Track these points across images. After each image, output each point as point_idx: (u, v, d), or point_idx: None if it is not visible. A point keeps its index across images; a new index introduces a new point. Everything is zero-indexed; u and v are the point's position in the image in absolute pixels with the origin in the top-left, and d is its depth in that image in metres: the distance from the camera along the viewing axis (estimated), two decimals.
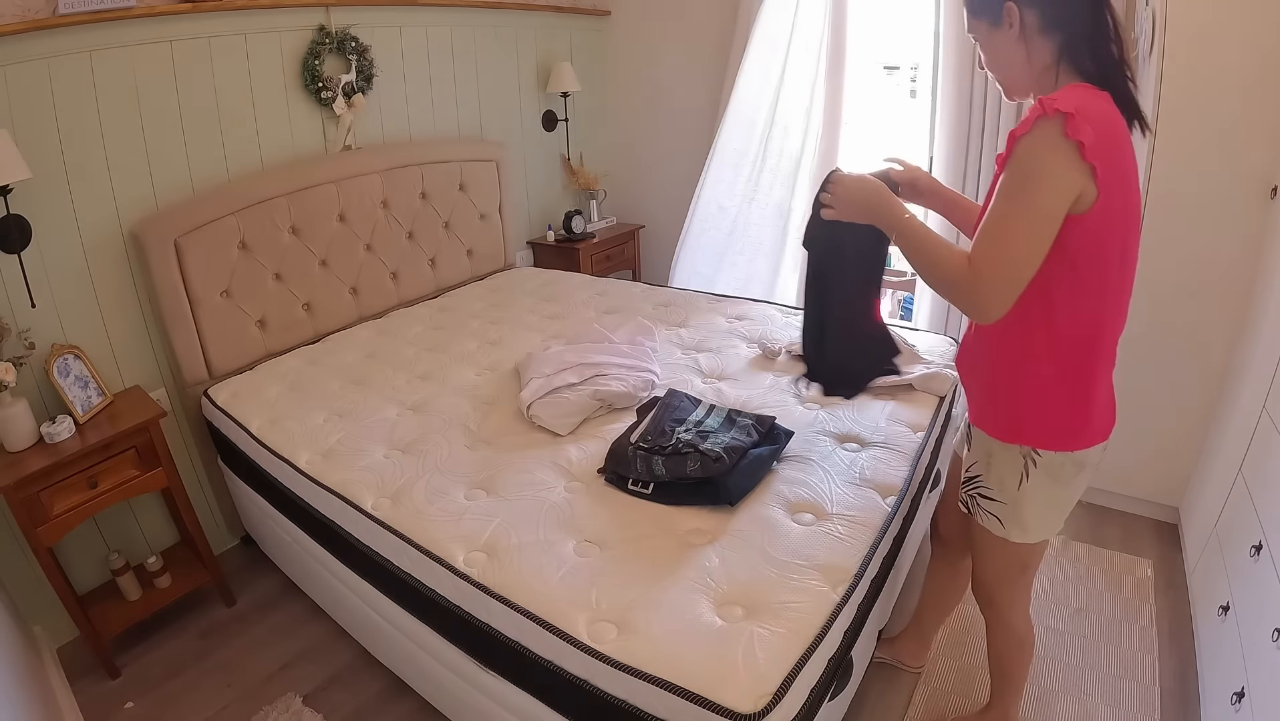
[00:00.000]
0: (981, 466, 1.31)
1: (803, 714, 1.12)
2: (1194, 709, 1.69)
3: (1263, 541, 1.52)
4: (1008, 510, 1.28)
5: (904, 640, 1.86)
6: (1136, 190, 1.10)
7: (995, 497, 1.29)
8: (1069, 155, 0.98)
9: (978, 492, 1.33)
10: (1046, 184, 1.00)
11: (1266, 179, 1.91)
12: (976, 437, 1.33)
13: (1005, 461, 1.25)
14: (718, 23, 3.34)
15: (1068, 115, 0.97)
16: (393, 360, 2.35)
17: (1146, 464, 2.31)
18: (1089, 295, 1.11)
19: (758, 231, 3.33)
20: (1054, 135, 0.98)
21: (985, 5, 1.13)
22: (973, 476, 1.35)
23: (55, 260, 1.97)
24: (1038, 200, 1.00)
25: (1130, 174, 1.07)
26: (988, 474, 1.30)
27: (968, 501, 1.37)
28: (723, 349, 2.30)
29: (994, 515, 1.31)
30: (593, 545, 1.44)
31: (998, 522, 1.31)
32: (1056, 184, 1.00)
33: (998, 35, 1.13)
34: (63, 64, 1.90)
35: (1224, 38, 1.86)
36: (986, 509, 1.32)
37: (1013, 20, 1.09)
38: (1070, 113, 0.97)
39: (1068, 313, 1.12)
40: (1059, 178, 0.99)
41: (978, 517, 1.35)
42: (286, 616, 2.19)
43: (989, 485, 1.30)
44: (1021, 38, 1.10)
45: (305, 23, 2.44)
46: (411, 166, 2.81)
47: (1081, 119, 0.97)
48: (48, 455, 1.81)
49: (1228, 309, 2.05)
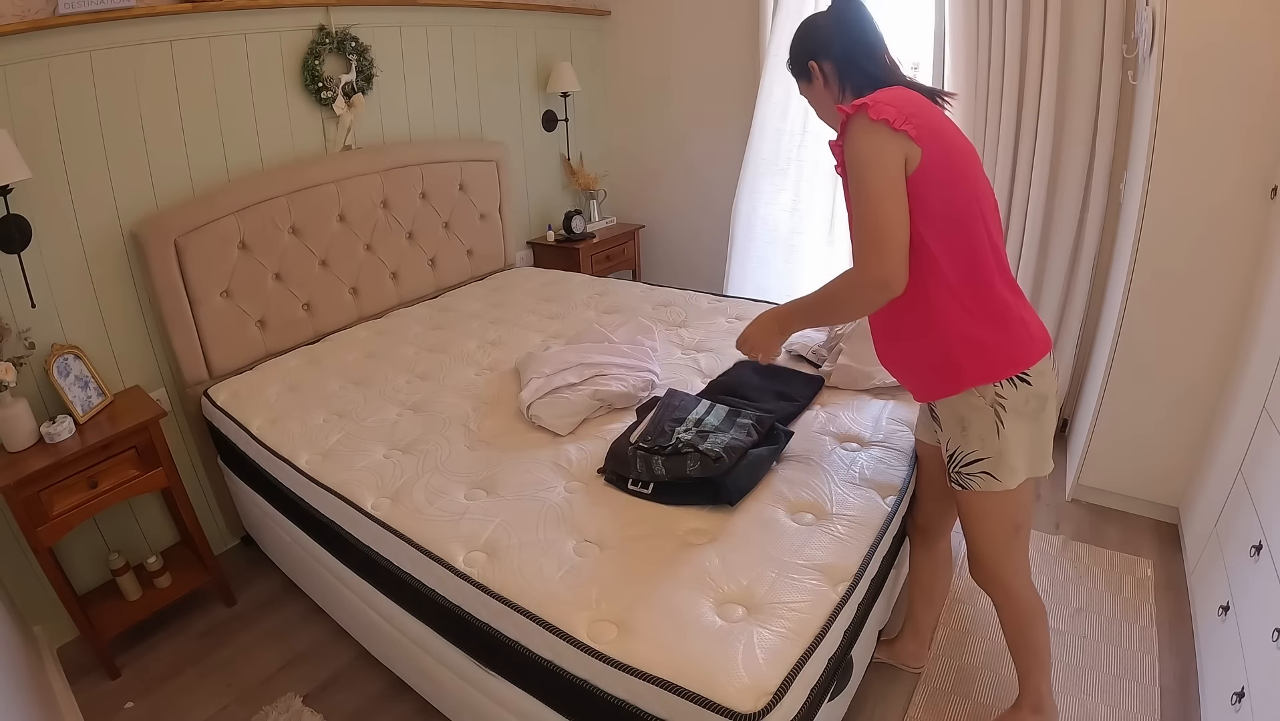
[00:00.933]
0: (956, 437, 1.36)
1: (803, 714, 1.12)
2: (1194, 709, 1.69)
3: (1263, 541, 1.52)
4: (996, 462, 1.33)
5: (903, 641, 1.86)
6: (956, 133, 1.26)
7: (981, 455, 1.33)
8: (882, 131, 1.16)
9: (964, 463, 1.37)
10: (875, 162, 1.17)
11: (1266, 179, 1.91)
12: (942, 413, 1.38)
13: (978, 419, 1.31)
14: (719, 22, 3.34)
15: (866, 104, 1.17)
16: (393, 360, 2.36)
17: (1146, 464, 2.31)
18: (955, 231, 1.23)
19: (803, 240, 3.32)
20: (864, 124, 1.18)
21: (797, 67, 1.37)
22: (953, 453, 1.38)
23: (55, 260, 1.97)
24: (875, 178, 1.17)
25: (943, 126, 1.24)
26: (965, 438, 1.34)
27: (958, 479, 1.40)
28: (723, 349, 2.30)
29: (987, 473, 1.34)
30: (593, 545, 1.44)
31: (991, 478, 1.34)
32: (883, 158, 1.17)
33: (813, 87, 1.36)
34: (63, 64, 1.90)
35: (1224, 38, 1.86)
36: (977, 471, 1.35)
37: (819, 73, 1.33)
38: (867, 102, 1.18)
39: (947, 254, 1.24)
40: (882, 152, 1.17)
41: (973, 487, 1.37)
42: (286, 616, 2.19)
43: (971, 447, 1.34)
44: (829, 84, 1.33)
45: (305, 23, 2.45)
46: (411, 166, 2.81)
47: (878, 103, 1.17)
48: (48, 455, 1.81)
49: (1228, 309, 2.05)
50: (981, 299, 1.27)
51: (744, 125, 3.35)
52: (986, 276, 1.27)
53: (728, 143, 3.49)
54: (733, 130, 3.45)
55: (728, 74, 3.39)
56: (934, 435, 1.51)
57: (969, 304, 1.26)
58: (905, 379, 1.46)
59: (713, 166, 3.62)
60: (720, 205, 3.64)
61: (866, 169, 1.18)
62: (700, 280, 3.75)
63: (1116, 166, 2.56)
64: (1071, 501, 2.50)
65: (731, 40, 3.32)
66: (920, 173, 1.18)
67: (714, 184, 3.64)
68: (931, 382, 1.36)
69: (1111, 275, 2.53)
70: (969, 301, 1.26)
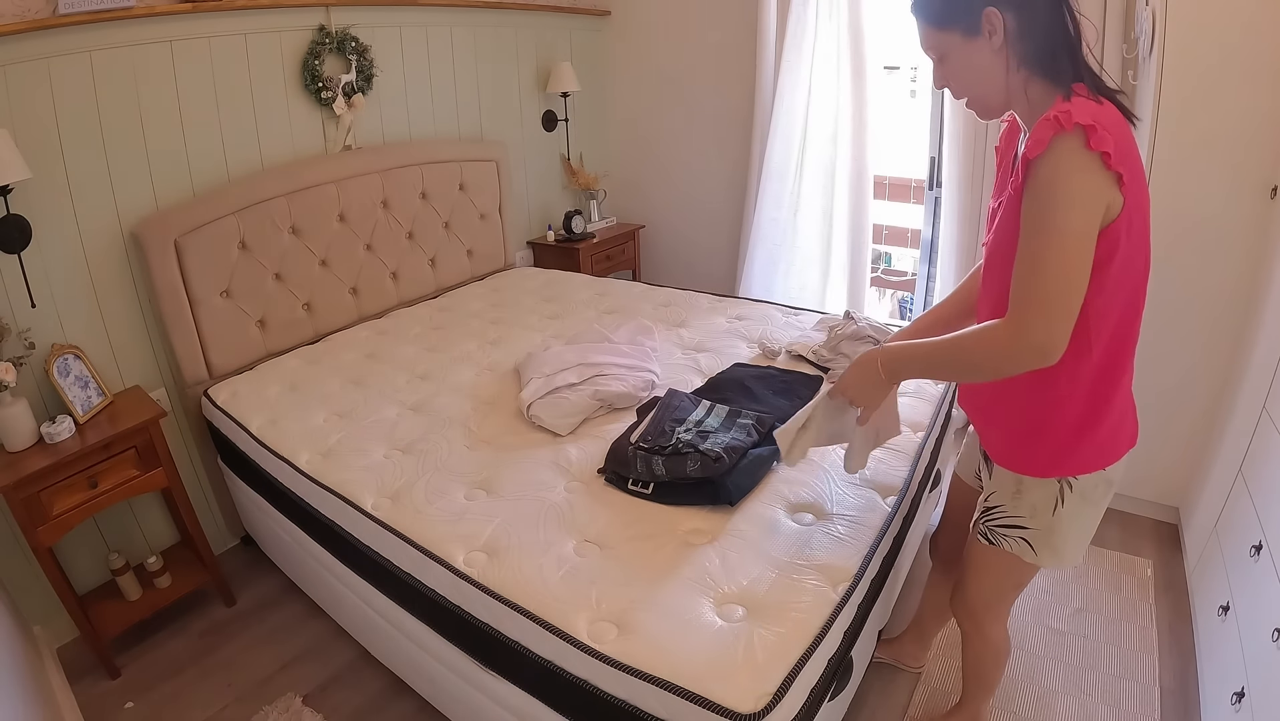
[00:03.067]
0: (1005, 497, 1.25)
1: (803, 714, 1.12)
2: (1194, 709, 1.69)
3: (1263, 541, 1.52)
4: (1040, 535, 1.22)
5: (904, 641, 1.86)
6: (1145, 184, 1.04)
7: (1026, 525, 1.22)
8: (1095, 169, 0.92)
9: (1003, 524, 1.26)
10: (1078, 204, 0.93)
11: (1266, 179, 1.91)
12: (1000, 472, 1.26)
13: (1038, 491, 1.20)
14: (718, 21, 3.34)
15: (1088, 128, 0.90)
16: (393, 360, 2.36)
17: (1146, 464, 2.31)
18: (1120, 307, 1.05)
19: (805, 241, 3.32)
20: (1077, 150, 0.91)
21: (955, 13, 1.01)
22: (994, 507, 1.28)
23: (55, 260, 1.97)
24: (1071, 223, 0.93)
25: (1143, 177, 1.02)
26: (1015, 504, 1.23)
27: (989, 533, 1.29)
28: (723, 349, 2.30)
29: (1025, 541, 1.24)
30: (593, 545, 1.44)
31: (1028, 548, 1.24)
32: (1088, 201, 0.93)
33: (973, 47, 1.01)
34: (63, 64, 1.90)
35: (1224, 38, 1.86)
36: (1015, 537, 1.25)
37: (994, 28, 0.99)
38: (1089, 125, 0.90)
39: (1101, 329, 1.05)
40: (1090, 195, 0.93)
41: (1005, 546, 1.27)
42: (286, 616, 2.19)
43: (1019, 514, 1.23)
44: (1004, 48, 1.00)
45: (305, 23, 2.44)
46: (411, 166, 2.81)
47: (1102, 129, 0.91)
48: (48, 455, 1.80)
49: (1228, 309, 2.05)
50: (1111, 382, 1.09)
51: (744, 125, 3.35)
52: (1125, 358, 1.10)
53: (728, 142, 3.50)
54: (733, 130, 3.45)
55: (728, 74, 3.39)
56: (975, 476, 1.45)
57: (1097, 388, 1.08)
58: (985, 428, 1.28)
59: (713, 166, 3.62)
60: (720, 205, 3.64)
61: (1068, 210, 0.92)
62: (700, 280, 3.75)
63: None
64: None
65: (731, 40, 3.32)
66: (1112, 230, 0.96)
67: (714, 184, 3.64)
68: (1021, 454, 1.19)
69: None
70: (1098, 385, 1.08)
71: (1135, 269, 1.04)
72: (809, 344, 2.19)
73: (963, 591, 1.44)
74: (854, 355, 1.87)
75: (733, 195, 3.55)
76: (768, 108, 3.19)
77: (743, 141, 3.38)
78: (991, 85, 1.04)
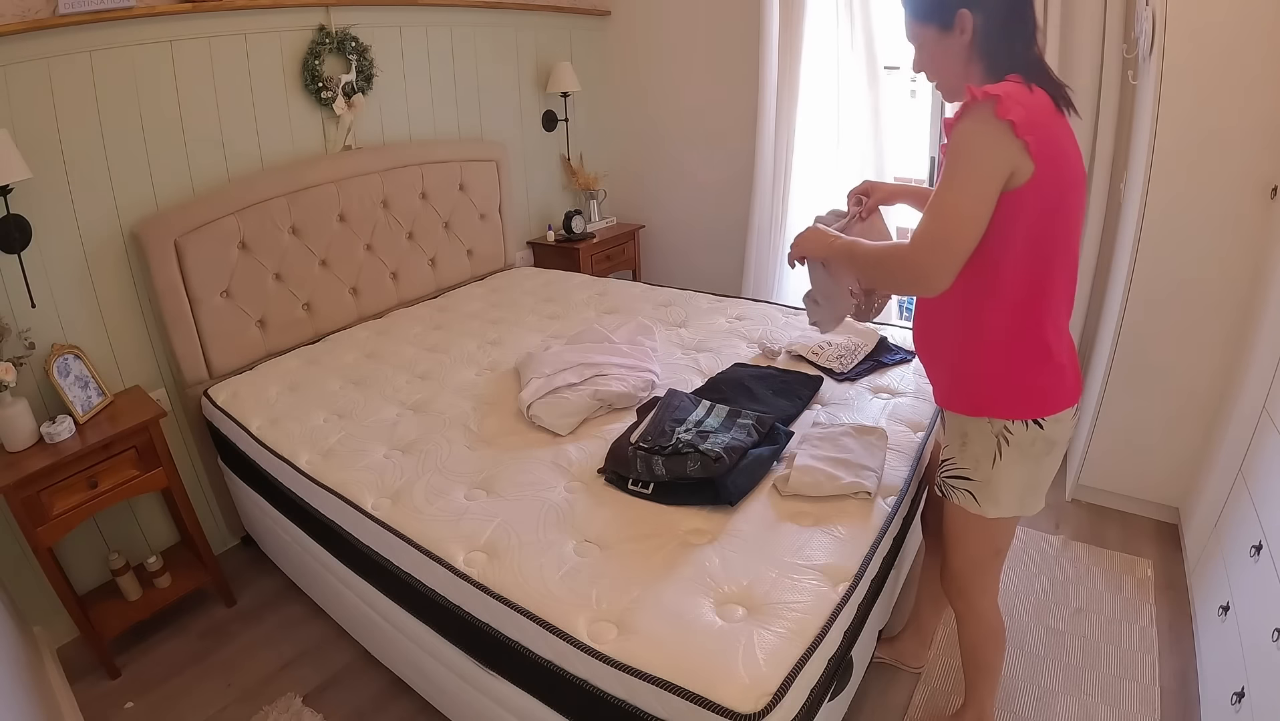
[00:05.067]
0: (955, 448, 1.35)
1: (803, 714, 1.12)
2: (1194, 709, 1.69)
3: (1263, 541, 1.52)
4: (981, 487, 1.31)
5: (904, 640, 1.86)
6: (1076, 160, 1.15)
7: (970, 476, 1.32)
8: (1001, 133, 1.04)
9: (952, 474, 1.36)
10: (982, 162, 1.06)
11: (1266, 179, 1.91)
12: (949, 420, 1.37)
13: (979, 441, 1.29)
14: (718, 21, 3.34)
15: (998, 97, 1.03)
16: (393, 360, 2.36)
17: (1146, 464, 2.31)
18: (1034, 264, 1.16)
19: None
20: (986, 116, 1.04)
21: (935, 10, 1.16)
22: (946, 459, 1.37)
23: (55, 260, 1.97)
24: (974, 177, 1.06)
25: (1067, 147, 1.13)
26: (962, 454, 1.33)
27: (942, 485, 1.40)
28: (723, 349, 2.30)
29: (969, 492, 1.33)
30: (593, 545, 1.44)
31: (972, 499, 1.33)
32: (991, 161, 1.06)
33: (946, 40, 1.16)
34: (63, 64, 1.90)
35: (1224, 38, 1.86)
36: (961, 488, 1.34)
37: (964, 27, 1.13)
38: (1000, 95, 1.03)
39: (1016, 282, 1.17)
40: (993, 155, 1.05)
41: (953, 498, 1.37)
42: (286, 616, 2.19)
43: (964, 465, 1.33)
44: (971, 42, 1.14)
45: (305, 23, 2.44)
46: (411, 166, 2.81)
47: (1010, 100, 1.03)
48: (48, 455, 1.81)
49: (1228, 309, 2.05)
50: (1028, 338, 1.21)
51: (745, 124, 3.35)
52: (1040, 317, 1.20)
53: (728, 142, 3.50)
54: (733, 130, 3.45)
55: (728, 74, 3.39)
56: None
57: (1014, 338, 1.21)
58: (931, 374, 1.42)
59: (713, 166, 3.62)
60: (721, 205, 3.64)
61: (965, 161, 1.07)
62: (700, 280, 3.75)
63: (1117, 166, 2.56)
64: (1071, 501, 2.50)
65: (731, 40, 3.32)
66: (1021, 193, 1.08)
67: (714, 183, 3.64)
68: (953, 393, 1.33)
69: (1112, 275, 2.53)
70: (1015, 336, 1.21)
71: (1054, 235, 1.15)
72: (809, 344, 2.19)
73: (947, 563, 1.49)
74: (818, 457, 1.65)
75: (733, 195, 3.55)
76: (770, 107, 3.19)
77: (743, 141, 3.38)
78: (953, 72, 1.19)
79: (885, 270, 1.19)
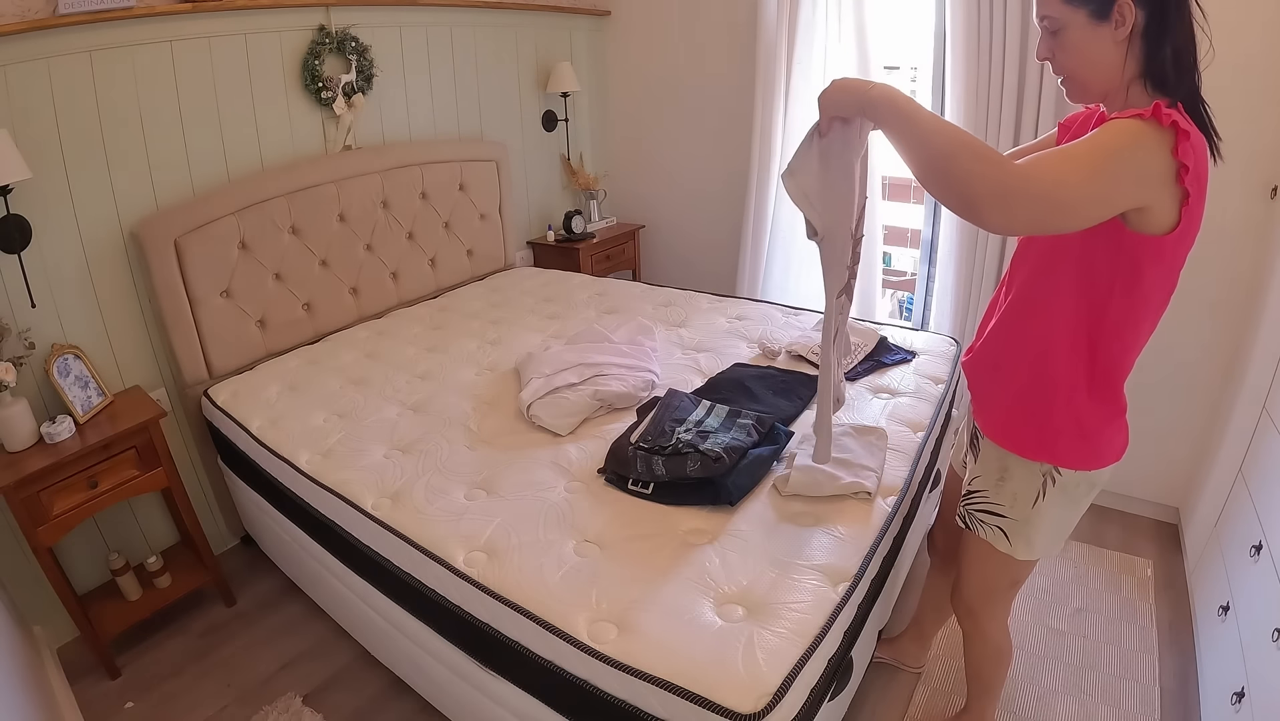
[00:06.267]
0: (989, 481, 1.26)
1: (803, 714, 1.12)
2: (1194, 709, 1.69)
3: (1263, 541, 1.53)
4: (1017, 526, 1.24)
5: (904, 640, 1.86)
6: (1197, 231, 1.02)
7: (1005, 514, 1.25)
8: (1167, 169, 0.89)
9: (982, 508, 1.29)
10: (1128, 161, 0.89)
11: (1266, 179, 1.91)
12: (988, 451, 1.27)
13: (1023, 480, 1.21)
14: (718, 21, 3.34)
15: (1180, 133, 0.87)
16: (393, 360, 2.36)
17: (1146, 464, 2.31)
18: (1140, 320, 1.06)
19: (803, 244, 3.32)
20: (1160, 143, 0.88)
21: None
22: (976, 491, 1.30)
23: (55, 260, 1.97)
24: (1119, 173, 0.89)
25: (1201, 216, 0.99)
26: (998, 490, 1.25)
27: (966, 516, 1.33)
28: (722, 349, 2.30)
29: (1000, 530, 1.26)
30: (593, 545, 1.44)
31: (1003, 538, 1.26)
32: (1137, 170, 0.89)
33: (1096, 31, 0.97)
34: (63, 64, 1.90)
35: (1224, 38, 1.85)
36: (992, 524, 1.27)
37: (1124, 19, 0.95)
38: (1187, 131, 0.88)
39: (1117, 334, 1.08)
40: (1143, 170, 0.89)
41: (979, 532, 1.30)
42: (286, 616, 2.19)
43: (999, 501, 1.25)
44: (1126, 41, 0.97)
45: (305, 23, 2.44)
46: (411, 166, 2.81)
47: (1191, 145, 0.89)
48: (48, 455, 1.80)
49: (1228, 309, 2.05)
50: (1107, 390, 1.12)
51: (745, 124, 3.35)
52: (1125, 371, 1.12)
53: (728, 142, 3.49)
54: (733, 129, 3.44)
55: (727, 73, 3.39)
56: (963, 464, 1.45)
57: (1095, 388, 1.12)
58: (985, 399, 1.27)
59: (713, 165, 3.62)
60: (720, 204, 3.64)
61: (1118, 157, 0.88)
62: (700, 280, 3.75)
63: None
64: None
65: (731, 40, 3.32)
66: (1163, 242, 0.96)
67: (714, 183, 3.64)
68: (1009, 430, 1.21)
69: None
70: (1097, 386, 1.12)
71: (1160, 290, 1.05)
72: (809, 344, 2.19)
73: (959, 587, 1.45)
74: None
75: (733, 195, 3.55)
76: (769, 106, 3.19)
77: (743, 140, 3.38)
78: (1099, 73, 1.00)
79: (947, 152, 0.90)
